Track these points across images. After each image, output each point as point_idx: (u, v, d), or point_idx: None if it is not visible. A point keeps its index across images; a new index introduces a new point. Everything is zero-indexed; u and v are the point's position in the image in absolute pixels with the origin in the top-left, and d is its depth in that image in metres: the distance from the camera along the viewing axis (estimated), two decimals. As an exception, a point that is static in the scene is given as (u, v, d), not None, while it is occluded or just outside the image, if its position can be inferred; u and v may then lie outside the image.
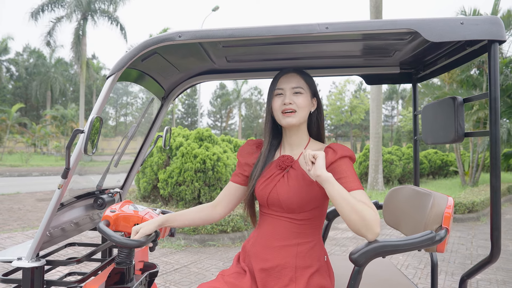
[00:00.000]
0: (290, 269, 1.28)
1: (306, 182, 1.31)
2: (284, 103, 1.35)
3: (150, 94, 1.89)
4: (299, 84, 1.38)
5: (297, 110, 1.35)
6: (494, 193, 1.25)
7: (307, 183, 1.31)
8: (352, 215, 1.13)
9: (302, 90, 1.37)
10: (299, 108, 1.35)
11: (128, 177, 1.99)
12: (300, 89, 1.37)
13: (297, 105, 1.35)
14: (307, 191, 1.30)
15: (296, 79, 1.39)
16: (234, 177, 1.48)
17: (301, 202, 1.29)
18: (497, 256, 1.26)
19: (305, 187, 1.30)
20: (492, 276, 3.80)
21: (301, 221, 1.32)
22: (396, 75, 1.94)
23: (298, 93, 1.37)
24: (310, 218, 1.33)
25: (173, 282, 3.46)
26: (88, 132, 1.16)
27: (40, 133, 29.12)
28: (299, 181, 1.32)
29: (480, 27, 1.20)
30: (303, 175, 1.33)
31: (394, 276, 1.71)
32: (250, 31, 1.22)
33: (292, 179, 1.33)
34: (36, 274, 1.31)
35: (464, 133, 1.47)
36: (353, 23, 1.21)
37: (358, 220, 1.13)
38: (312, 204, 1.31)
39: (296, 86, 1.37)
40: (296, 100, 1.35)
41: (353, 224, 1.14)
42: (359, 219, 1.13)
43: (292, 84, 1.37)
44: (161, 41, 1.25)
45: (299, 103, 1.35)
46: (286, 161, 1.37)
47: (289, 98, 1.35)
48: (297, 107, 1.35)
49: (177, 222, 1.41)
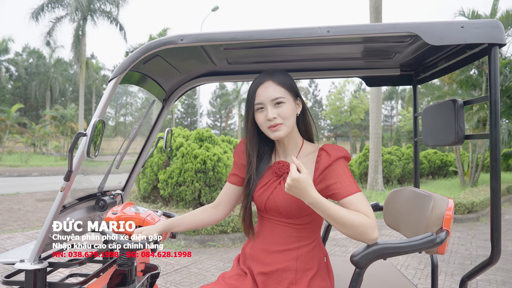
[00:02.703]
0: (290, 273, 1.28)
1: None
2: (268, 119, 1.27)
3: (151, 95, 1.89)
4: (278, 93, 1.27)
5: (283, 122, 1.27)
6: (494, 194, 1.26)
7: None
8: (344, 229, 1.16)
9: (283, 99, 1.27)
10: (285, 119, 1.27)
11: (129, 179, 2.00)
12: (281, 98, 1.27)
13: (282, 116, 1.27)
14: None
15: (273, 89, 1.28)
16: (231, 178, 1.46)
17: (299, 208, 1.28)
18: (498, 258, 1.27)
19: None
20: (492, 277, 3.81)
21: (300, 225, 1.32)
22: (397, 77, 1.95)
23: (280, 102, 1.27)
24: (309, 222, 1.32)
25: (174, 283, 3.47)
26: (91, 135, 1.17)
27: (39, 133, 29.09)
28: None
29: (481, 31, 1.21)
30: None
31: (394, 276, 1.71)
32: (252, 34, 1.22)
33: None
34: (39, 276, 1.32)
35: (464, 136, 1.48)
36: (354, 27, 1.22)
37: (352, 233, 1.16)
38: (310, 209, 1.28)
39: (275, 97, 1.27)
40: (280, 111, 1.27)
41: (348, 235, 1.17)
42: (352, 232, 1.15)
43: (271, 95, 1.27)
44: (163, 44, 1.25)
45: (283, 114, 1.27)
46: (282, 167, 1.35)
47: (272, 113, 1.26)
48: (282, 119, 1.27)
49: (179, 227, 1.40)
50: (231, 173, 1.48)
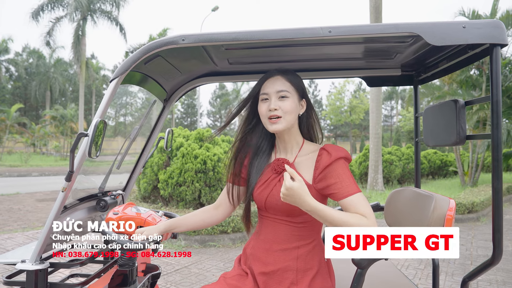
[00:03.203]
0: (291, 272, 1.29)
1: None
2: (270, 109, 1.31)
3: (151, 96, 1.89)
4: (284, 87, 1.32)
5: (282, 115, 1.30)
6: (496, 194, 1.26)
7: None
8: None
9: (288, 93, 1.32)
10: (285, 114, 1.30)
11: (130, 179, 2.00)
12: (286, 92, 1.32)
13: (283, 110, 1.30)
14: None
15: (281, 82, 1.33)
16: (231, 178, 1.47)
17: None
18: (499, 258, 1.27)
19: None
20: (492, 277, 3.81)
21: (300, 223, 1.32)
22: (398, 77, 1.94)
23: (284, 97, 1.31)
24: (309, 220, 1.32)
25: (174, 283, 3.47)
26: (93, 135, 1.17)
27: (39, 133, 29.09)
28: None
29: (482, 31, 1.20)
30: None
31: (395, 277, 1.71)
32: (253, 34, 1.22)
33: None
34: (40, 276, 1.32)
35: (465, 136, 1.47)
36: (355, 27, 1.22)
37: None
38: None
39: (281, 90, 1.31)
40: (282, 105, 1.30)
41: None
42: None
43: (277, 88, 1.32)
44: (165, 44, 1.25)
45: (285, 108, 1.30)
46: (282, 164, 1.35)
47: (275, 104, 1.30)
48: (282, 113, 1.30)
49: (180, 227, 1.41)
50: (230, 173, 1.48)
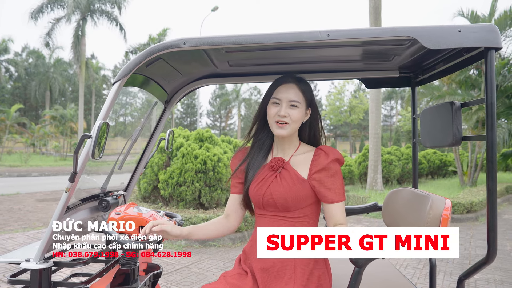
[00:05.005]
0: (289, 268, 1.33)
1: (298, 181, 1.37)
2: (279, 115, 1.38)
3: (152, 97, 1.92)
4: (296, 97, 1.39)
5: (290, 122, 1.38)
6: (491, 195, 1.29)
7: (299, 181, 1.37)
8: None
9: (298, 104, 1.39)
10: (292, 122, 1.38)
11: (131, 179, 2.02)
12: (297, 103, 1.39)
13: (291, 118, 1.38)
14: (300, 189, 1.36)
15: (294, 91, 1.40)
16: (234, 189, 1.53)
17: (295, 199, 1.35)
18: (494, 257, 1.30)
19: (298, 185, 1.36)
20: (490, 276, 3.84)
21: (296, 218, 1.37)
22: (395, 79, 1.97)
23: (294, 106, 1.39)
24: (305, 215, 1.38)
25: (175, 282, 3.49)
26: (96, 137, 1.19)
27: (39, 133, 29.07)
28: (292, 180, 1.37)
29: (477, 35, 1.23)
30: (295, 174, 1.39)
31: (393, 276, 1.74)
32: (253, 38, 1.25)
33: (284, 178, 1.38)
34: (44, 275, 1.34)
35: (461, 137, 1.50)
36: (353, 31, 1.24)
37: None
38: (306, 201, 1.37)
39: (293, 100, 1.38)
40: (291, 113, 1.38)
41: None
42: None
43: (290, 97, 1.39)
44: (166, 47, 1.28)
45: (293, 116, 1.38)
46: (278, 162, 1.42)
47: (285, 111, 1.37)
48: (290, 120, 1.38)
49: (197, 235, 1.44)
50: (232, 184, 1.54)
